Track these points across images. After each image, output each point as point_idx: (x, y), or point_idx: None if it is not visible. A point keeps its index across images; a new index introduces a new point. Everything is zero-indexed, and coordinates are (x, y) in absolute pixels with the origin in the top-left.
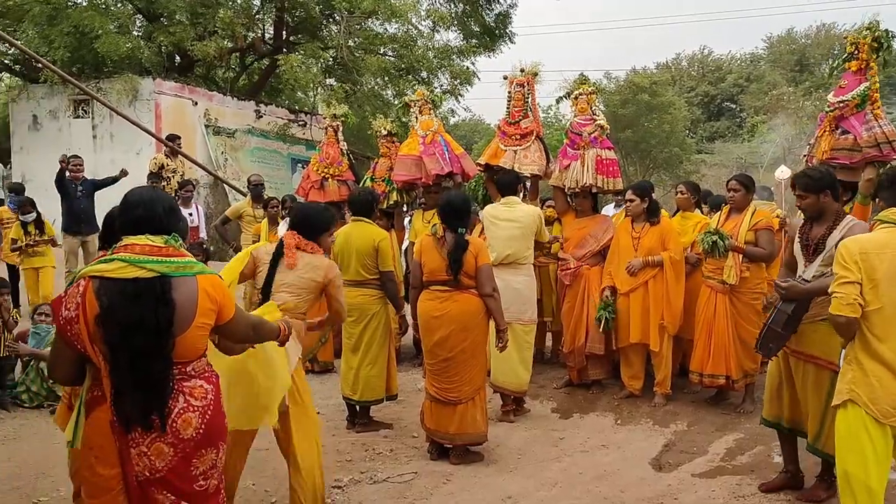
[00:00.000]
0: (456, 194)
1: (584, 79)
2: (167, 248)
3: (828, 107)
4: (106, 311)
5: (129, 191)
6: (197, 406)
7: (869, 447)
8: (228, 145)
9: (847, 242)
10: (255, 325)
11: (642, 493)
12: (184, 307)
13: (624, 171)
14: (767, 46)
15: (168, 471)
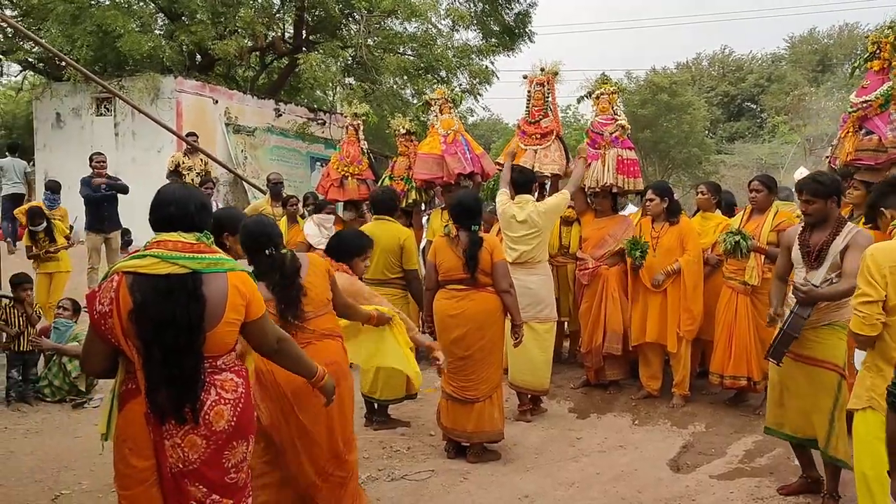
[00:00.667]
0: (466, 193)
1: (605, 78)
2: (199, 244)
3: (850, 107)
4: (139, 307)
5: (161, 188)
6: (228, 399)
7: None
8: (248, 143)
9: (875, 254)
10: (282, 339)
11: (660, 493)
12: (214, 303)
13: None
14: (789, 46)
15: (201, 463)
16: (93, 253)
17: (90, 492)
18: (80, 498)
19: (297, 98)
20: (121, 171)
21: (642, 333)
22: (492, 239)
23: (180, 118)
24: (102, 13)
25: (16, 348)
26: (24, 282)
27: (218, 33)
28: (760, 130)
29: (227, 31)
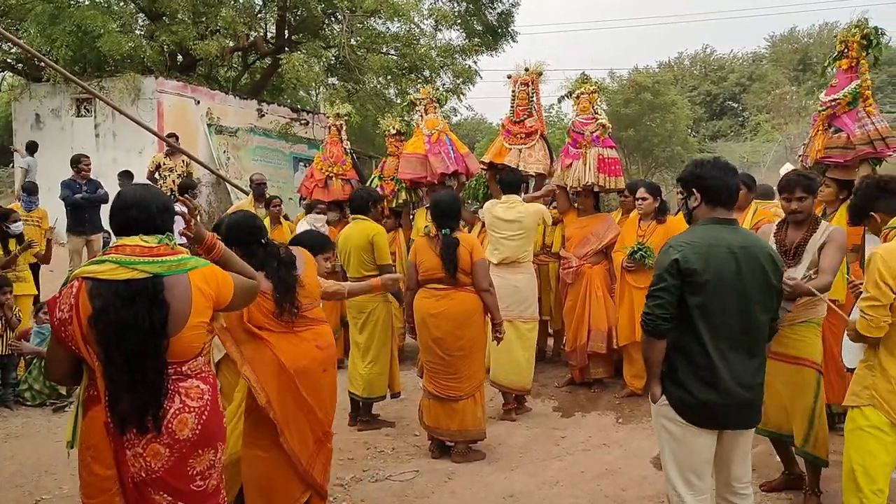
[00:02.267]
0: (444, 194)
1: (585, 78)
2: (159, 247)
3: (820, 106)
4: (99, 313)
5: (122, 190)
6: (193, 406)
7: (882, 449)
8: (231, 144)
9: (885, 257)
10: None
11: (644, 491)
12: (178, 308)
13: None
14: (770, 45)
15: (164, 471)
16: (74, 255)
17: (71, 496)
18: (61, 503)
19: (280, 98)
20: (101, 173)
21: (631, 333)
22: (470, 238)
23: (161, 119)
24: (82, 13)
25: None
26: (2, 285)
27: (199, 33)
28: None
29: (208, 31)
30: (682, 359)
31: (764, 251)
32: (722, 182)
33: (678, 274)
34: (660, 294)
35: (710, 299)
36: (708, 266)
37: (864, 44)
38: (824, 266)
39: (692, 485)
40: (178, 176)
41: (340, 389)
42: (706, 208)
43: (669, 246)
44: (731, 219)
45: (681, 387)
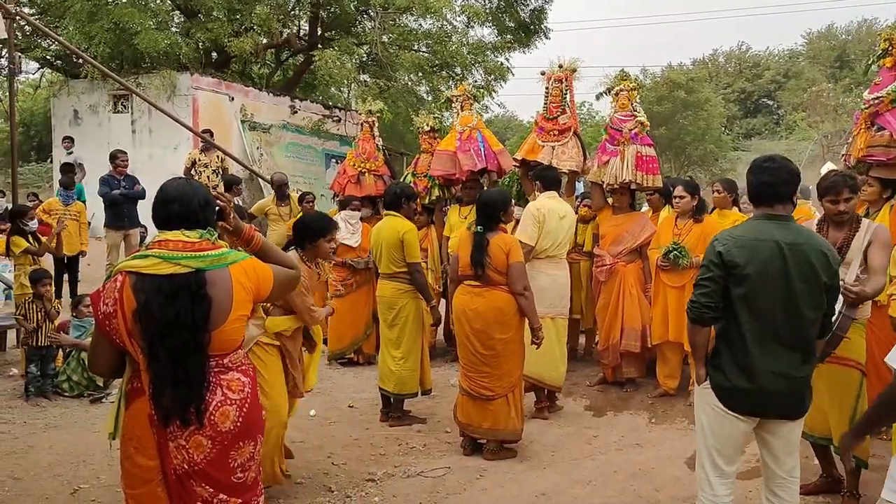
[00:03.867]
0: (495, 192)
1: (624, 74)
2: (201, 242)
3: (863, 104)
4: (143, 308)
5: (164, 184)
6: (234, 399)
7: None
8: (264, 140)
9: None
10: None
11: (677, 492)
12: (220, 302)
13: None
14: (807, 42)
15: (206, 463)
16: (112, 250)
17: (108, 486)
18: (99, 492)
19: (313, 95)
20: (137, 168)
21: (664, 332)
22: (509, 239)
23: (196, 115)
24: (119, 11)
25: (34, 343)
26: (42, 277)
27: (234, 30)
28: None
29: (242, 29)
30: (723, 345)
31: (817, 249)
32: (756, 180)
33: (722, 265)
34: (705, 283)
35: (753, 292)
36: (751, 259)
37: None
38: (874, 266)
39: (718, 468)
40: (212, 172)
41: (371, 385)
42: (754, 205)
43: (716, 239)
44: (784, 215)
45: (720, 371)
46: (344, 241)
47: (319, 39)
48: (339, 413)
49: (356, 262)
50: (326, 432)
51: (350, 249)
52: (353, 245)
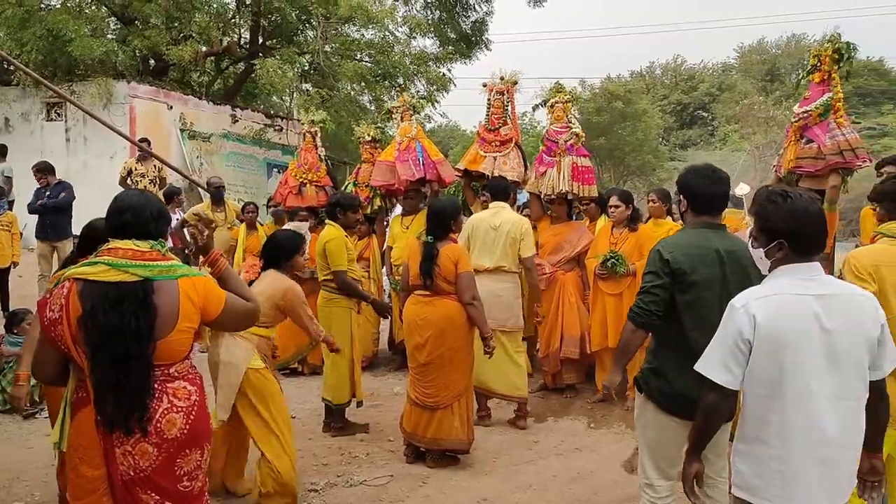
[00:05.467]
0: (445, 201)
1: (560, 87)
2: (151, 252)
3: (793, 117)
4: (88, 314)
5: (119, 194)
6: (181, 407)
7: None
8: (204, 149)
9: (859, 256)
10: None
11: (615, 495)
12: (166, 312)
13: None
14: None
15: (152, 471)
16: (41, 260)
17: (43, 503)
18: None
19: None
20: (72, 178)
21: (603, 338)
22: (458, 249)
23: (134, 123)
24: (53, 17)
25: None
26: None
27: (172, 38)
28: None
29: (181, 36)
30: (666, 351)
31: (748, 256)
32: (703, 190)
33: (671, 273)
34: (654, 290)
35: (697, 298)
36: (696, 267)
37: (836, 58)
38: None
39: (661, 470)
40: (149, 182)
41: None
42: (693, 213)
43: (660, 247)
44: (719, 223)
45: (662, 377)
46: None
47: (261, 48)
48: None
49: (301, 272)
50: None
51: None
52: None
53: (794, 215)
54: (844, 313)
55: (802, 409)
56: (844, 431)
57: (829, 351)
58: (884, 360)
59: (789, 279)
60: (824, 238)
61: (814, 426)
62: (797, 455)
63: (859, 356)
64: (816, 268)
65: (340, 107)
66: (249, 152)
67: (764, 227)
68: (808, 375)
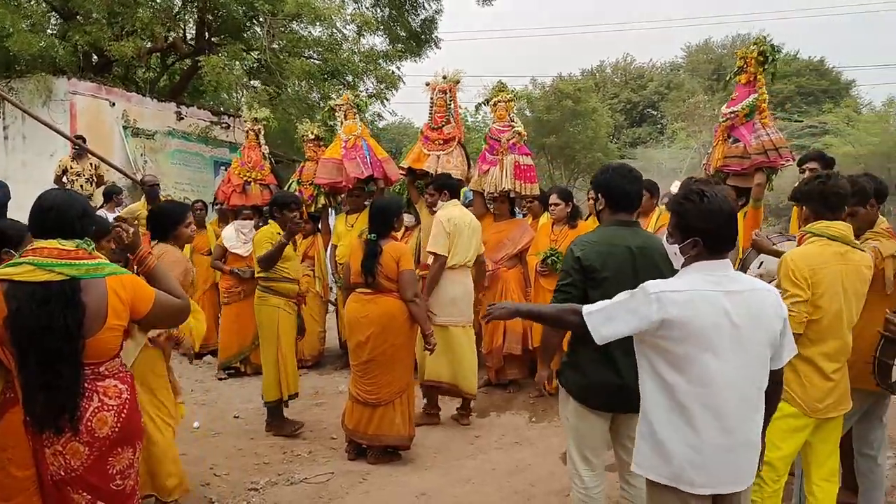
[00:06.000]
0: (382, 200)
1: (502, 86)
2: (77, 251)
3: (721, 118)
4: (14, 315)
5: (42, 194)
6: (111, 405)
7: (800, 438)
8: (148, 147)
9: (796, 259)
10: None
11: (551, 486)
12: (94, 310)
13: (550, 175)
14: (686, 56)
15: (84, 470)
16: None
17: None
18: None
19: (201, 101)
20: (10, 176)
21: None
22: (401, 247)
23: (75, 121)
24: None
25: None
26: None
27: (115, 34)
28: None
29: (124, 32)
30: (581, 346)
31: (659, 251)
32: (622, 188)
33: (581, 270)
34: (566, 289)
35: (610, 294)
36: (607, 264)
37: (762, 60)
38: None
39: (589, 461)
40: (85, 180)
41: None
42: (609, 211)
43: (573, 245)
44: (633, 221)
45: (580, 371)
46: (234, 250)
47: (207, 44)
48: (224, 424)
49: (242, 271)
50: (209, 444)
51: (239, 258)
52: (244, 254)
53: (710, 215)
54: (751, 308)
55: (708, 397)
56: (747, 418)
57: (737, 344)
58: (783, 351)
59: (702, 275)
60: (735, 236)
61: (718, 413)
62: (703, 440)
63: (762, 348)
64: (727, 264)
65: (289, 104)
66: (196, 150)
67: (679, 225)
68: (717, 367)
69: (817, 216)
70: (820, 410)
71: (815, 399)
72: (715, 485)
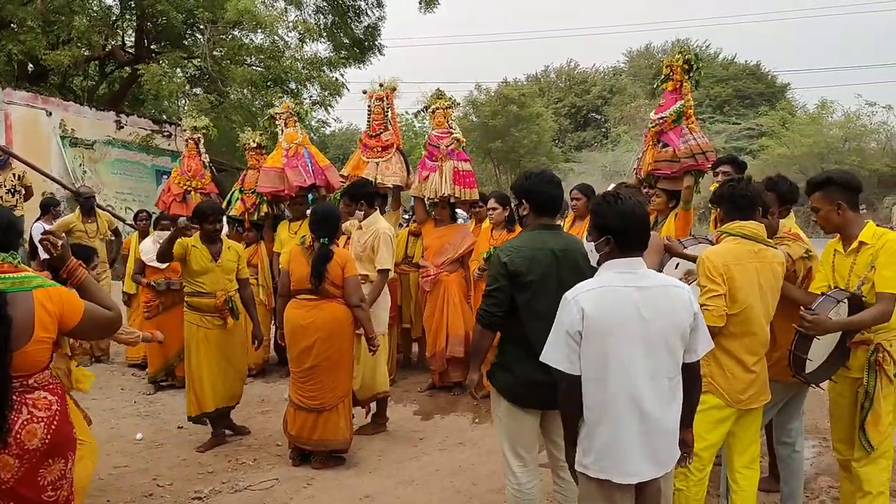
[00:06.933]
0: (325, 205)
1: (440, 93)
2: (3, 265)
3: (650, 123)
4: None
5: None
6: (41, 417)
7: (723, 428)
8: (87, 157)
9: (711, 257)
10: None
11: (492, 484)
12: (21, 323)
13: (497, 180)
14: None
15: (15, 482)
16: None
17: None
18: None
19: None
20: None
21: None
22: (345, 253)
23: (10, 131)
24: None
25: None
26: None
27: (50, 42)
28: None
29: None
30: (509, 346)
31: (580, 252)
32: (547, 193)
33: (508, 275)
34: (495, 294)
35: (535, 295)
36: (532, 268)
37: (686, 68)
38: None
39: (522, 458)
40: (7, 191)
41: None
42: (534, 216)
43: (500, 251)
44: (555, 224)
45: (508, 371)
46: (150, 263)
47: (146, 52)
48: (168, 435)
49: (157, 283)
50: (153, 455)
51: (157, 271)
52: (161, 267)
53: (622, 216)
54: (660, 303)
55: (624, 388)
56: (661, 407)
57: (646, 337)
58: (697, 345)
59: (615, 272)
60: (646, 237)
61: (634, 403)
62: (623, 430)
63: (672, 341)
64: (639, 262)
65: (231, 112)
66: (137, 159)
67: (596, 224)
68: (628, 358)
69: (730, 217)
70: (742, 401)
71: (738, 391)
72: (636, 473)
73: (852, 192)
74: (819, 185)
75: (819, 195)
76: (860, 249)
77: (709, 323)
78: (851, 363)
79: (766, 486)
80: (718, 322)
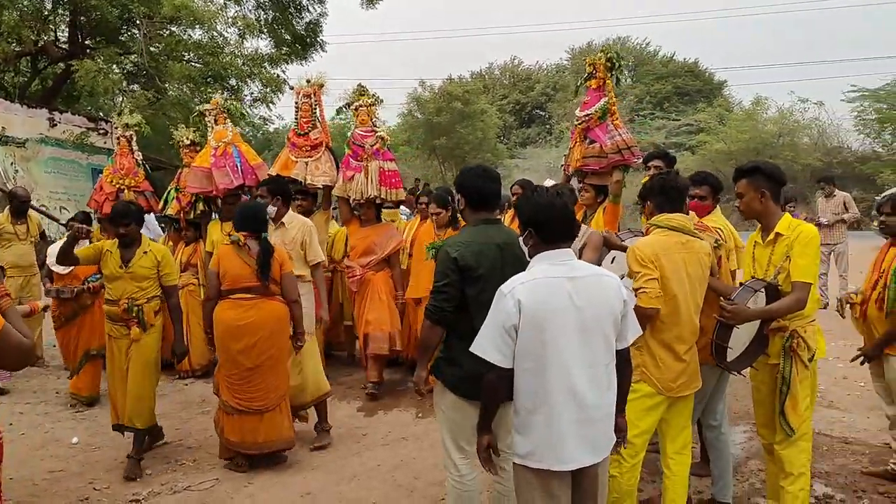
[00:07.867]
0: (249, 203)
1: (363, 90)
2: None
3: (576, 120)
4: None
5: None
6: None
7: (655, 415)
8: (19, 156)
9: (641, 247)
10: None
11: (434, 477)
12: None
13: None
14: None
15: None
16: None
17: None
18: None
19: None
20: None
21: None
22: (280, 249)
23: None
24: None
25: None
26: None
27: None
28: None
29: None
30: (457, 340)
31: (520, 246)
32: (481, 188)
33: (458, 270)
34: (445, 289)
35: (484, 289)
36: (481, 262)
37: (609, 66)
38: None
39: (463, 450)
40: None
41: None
42: (470, 210)
43: (448, 247)
44: (496, 219)
45: (455, 364)
46: (53, 267)
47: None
48: (105, 438)
49: (61, 290)
50: (89, 458)
51: (60, 277)
52: (63, 272)
53: (537, 208)
54: (593, 292)
55: (561, 377)
56: (596, 394)
57: (581, 325)
58: (627, 332)
59: (547, 264)
60: (568, 228)
61: (571, 391)
62: (560, 418)
63: (605, 329)
64: (568, 253)
65: (170, 109)
66: (72, 157)
67: (519, 218)
68: (565, 347)
69: (660, 209)
70: (674, 389)
71: (670, 379)
72: (573, 460)
73: (776, 184)
74: (746, 173)
75: (745, 182)
76: (777, 240)
77: (647, 305)
78: (770, 350)
79: (697, 471)
80: (656, 303)
